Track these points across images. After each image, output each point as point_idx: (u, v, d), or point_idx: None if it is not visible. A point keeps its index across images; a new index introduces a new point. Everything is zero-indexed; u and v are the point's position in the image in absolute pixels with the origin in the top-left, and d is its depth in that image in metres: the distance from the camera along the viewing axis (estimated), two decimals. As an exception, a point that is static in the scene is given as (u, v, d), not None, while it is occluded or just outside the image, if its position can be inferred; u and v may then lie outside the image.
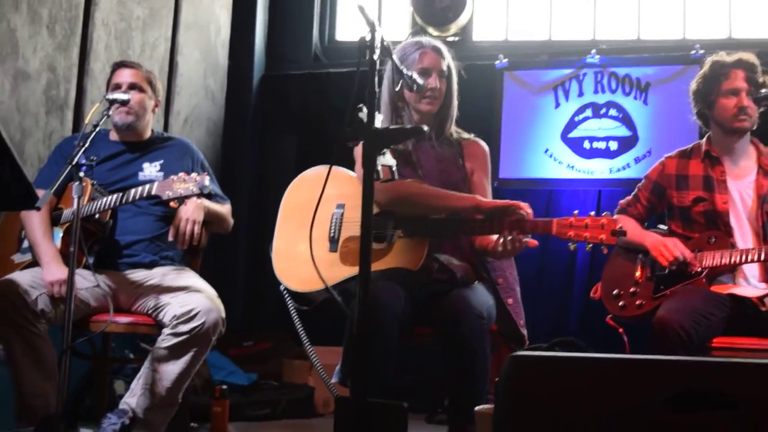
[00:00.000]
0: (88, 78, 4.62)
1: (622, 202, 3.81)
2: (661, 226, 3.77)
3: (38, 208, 2.90)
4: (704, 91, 3.61)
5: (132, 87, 3.71)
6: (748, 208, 3.52)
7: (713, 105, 3.58)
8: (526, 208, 3.09)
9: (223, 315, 3.40)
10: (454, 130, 3.51)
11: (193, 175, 3.25)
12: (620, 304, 3.59)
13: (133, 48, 4.97)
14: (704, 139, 3.68)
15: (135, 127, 3.74)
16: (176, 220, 3.53)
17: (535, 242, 3.15)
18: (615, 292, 3.62)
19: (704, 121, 3.69)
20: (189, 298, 3.38)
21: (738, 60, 3.55)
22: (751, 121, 3.53)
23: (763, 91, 3.50)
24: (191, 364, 3.34)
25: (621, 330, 3.58)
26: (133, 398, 3.35)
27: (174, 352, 3.32)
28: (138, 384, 3.36)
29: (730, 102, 3.52)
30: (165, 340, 3.33)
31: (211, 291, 3.49)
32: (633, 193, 3.79)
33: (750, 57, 3.56)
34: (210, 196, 3.55)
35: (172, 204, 3.35)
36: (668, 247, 3.45)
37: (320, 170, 3.50)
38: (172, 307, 3.36)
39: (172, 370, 3.32)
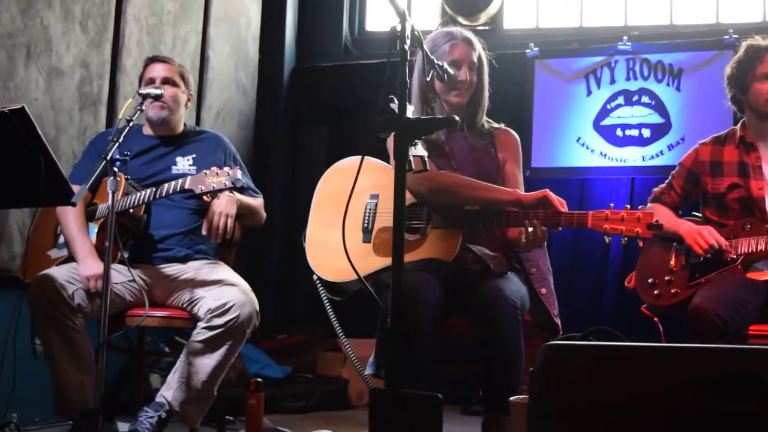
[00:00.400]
0: (121, 73, 4.65)
1: (656, 190, 3.78)
2: (696, 214, 3.73)
3: (74, 204, 2.92)
4: (738, 75, 3.56)
5: (165, 81, 3.73)
6: None
7: (747, 89, 3.53)
8: (560, 207, 3.06)
9: (257, 308, 3.41)
10: (485, 120, 3.50)
11: (226, 169, 3.26)
12: (655, 293, 3.56)
13: (164, 43, 4.99)
14: (739, 125, 3.63)
15: (169, 122, 3.76)
16: (209, 214, 3.55)
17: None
18: (650, 281, 3.59)
19: (739, 106, 3.64)
20: (223, 291, 3.40)
21: None
22: None
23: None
24: (226, 357, 3.36)
25: (656, 319, 3.55)
26: (169, 391, 3.37)
27: (209, 346, 3.34)
28: (174, 377, 3.38)
29: (764, 86, 3.47)
30: (200, 334, 3.35)
31: (245, 284, 3.50)
32: (667, 181, 3.75)
33: None
34: (242, 190, 3.56)
35: (205, 198, 3.37)
36: (703, 235, 3.42)
37: (354, 161, 3.49)
38: (207, 300, 3.38)
39: (207, 363, 3.34)
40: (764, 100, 3.48)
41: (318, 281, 3.35)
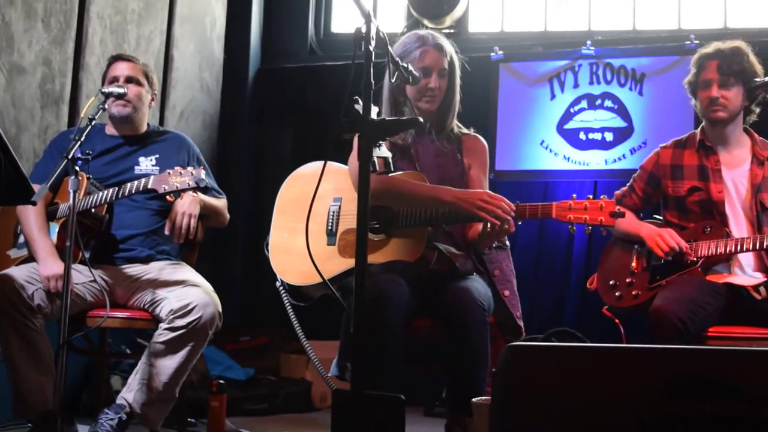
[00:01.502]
0: (84, 72, 4.61)
1: (617, 192, 3.81)
2: (657, 217, 3.77)
3: (34, 203, 2.88)
4: (690, 82, 3.65)
5: (129, 80, 3.70)
6: (742, 197, 3.52)
7: (696, 97, 3.63)
8: (498, 202, 3.07)
9: (220, 309, 3.40)
10: (455, 124, 3.50)
11: (189, 168, 3.24)
12: (616, 294, 3.59)
13: (128, 41, 4.95)
14: (698, 129, 3.68)
15: (132, 120, 3.73)
16: (172, 214, 3.53)
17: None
18: (611, 282, 3.62)
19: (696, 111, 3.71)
20: (186, 292, 3.38)
21: (716, 50, 3.56)
22: (727, 111, 3.52)
23: (758, 80, 3.50)
24: (188, 358, 3.34)
25: (617, 321, 3.59)
26: (130, 393, 3.34)
27: (171, 347, 3.31)
28: (135, 379, 3.36)
29: (704, 94, 3.55)
30: (162, 335, 3.32)
31: (208, 285, 3.48)
32: (628, 184, 3.79)
33: (731, 45, 3.55)
34: (206, 190, 3.54)
35: (168, 198, 3.34)
36: (664, 238, 3.45)
37: (315, 166, 3.49)
38: (169, 301, 3.36)
39: (169, 364, 3.32)
40: (704, 107, 3.56)
41: (281, 287, 3.34)
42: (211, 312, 3.34)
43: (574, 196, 3.06)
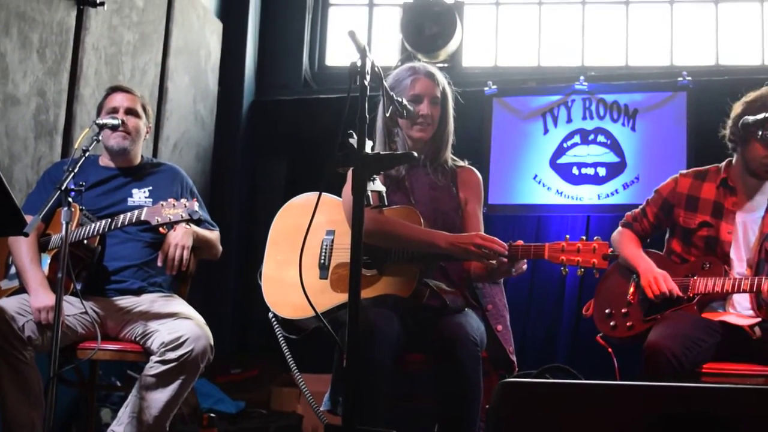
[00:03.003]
0: (78, 103, 4.61)
1: (628, 214, 3.79)
2: (655, 251, 3.72)
3: (26, 234, 2.88)
4: (747, 123, 3.43)
5: (128, 112, 3.70)
6: (749, 241, 3.51)
7: (749, 141, 3.46)
8: (494, 245, 3.09)
9: (212, 342, 3.38)
10: (449, 156, 3.51)
11: (183, 200, 3.24)
12: (611, 323, 3.58)
13: (123, 73, 4.97)
14: (723, 164, 3.63)
15: (129, 152, 3.73)
16: (165, 246, 3.52)
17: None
18: (607, 311, 3.61)
19: (733, 146, 3.58)
20: (177, 325, 3.36)
21: None
22: None
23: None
24: (179, 391, 3.32)
25: (610, 350, 3.57)
26: (120, 426, 3.32)
27: (162, 380, 3.29)
28: (125, 412, 3.33)
29: (764, 150, 3.41)
30: (153, 368, 3.30)
31: (200, 318, 3.47)
32: (641, 207, 3.76)
33: None
34: (199, 222, 3.54)
35: (161, 230, 3.34)
36: (658, 282, 3.43)
37: (309, 197, 3.50)
38: (161, 334, 3.34)
39: (159, 398, 3.30)
40: (760, 162, 3.43)
41: (274, 319, 3.33)
42: (202, 345, 3.32)
43: (567, 237, 3.07)
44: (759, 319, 3.37)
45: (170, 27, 5.46)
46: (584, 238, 3.07)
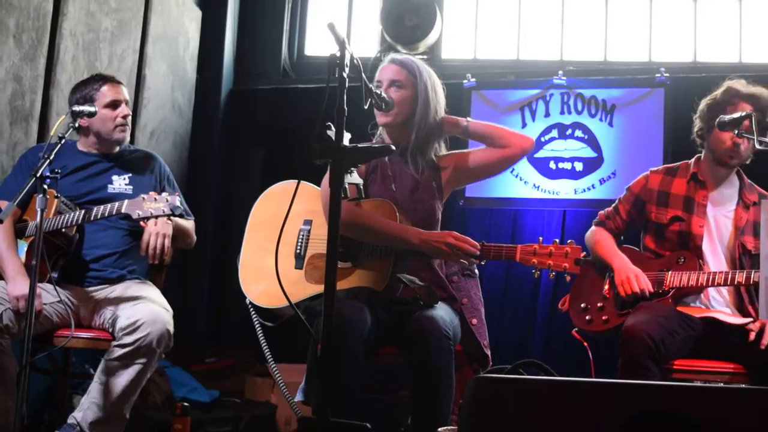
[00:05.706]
0: (54, 89, 4.57)
1: (601, 213, 3.82)
2: (631, 247, 3.75)
3: (1, 221, 2.86)
4: (709, 114, 3.55)
5: (126, 104, 3.74)
6: (722, 236, 3.56)
7: (711, 131, 3.53)
8: (466, 245, 3.10)
9: (170, 328, 3.37)
10: (443, 151, 3.50)
11: (164, 195, 3.22)
12: (587, 318, 3.61)
13: (100, 60, 4.93)
14: (693, 160, 3.69)
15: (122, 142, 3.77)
16: (146, 235, 3.49)
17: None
18: (582, 305, 3.64)
19: (701, 141, 3.66)
20: (135, 309, 3.36)
21: (751, 95, 3.49)
22: (740, 159, 3.53)
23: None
24: (137, 377, 3.31)
25: (586, 344, 3.60)
26: (80, 413, 3.32)
27: (120, 364, 3.30)
28: (86, 398, 3.34)
29: (726, 134, 3.46)
30: (112, 352, 3.32)
31: (164, 303, 3.46)
32: (613, 205, 3.80)
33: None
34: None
35: (141, 223, 3.33)
36: (630, 281, 3.46)
37: (289, 185, 3.49)
38: (120, 319, 3.36)
39: (118, 382, 3.29)
40: (724, 148, 3.51)
41: (251, 305, 3.33)
42: (159, 329, 3.31)
43: (541, 239, 3.09)
44: (750, 319, 3.40)
45: (149, 14, 5.42)
46: (557, 241, 3.09)
